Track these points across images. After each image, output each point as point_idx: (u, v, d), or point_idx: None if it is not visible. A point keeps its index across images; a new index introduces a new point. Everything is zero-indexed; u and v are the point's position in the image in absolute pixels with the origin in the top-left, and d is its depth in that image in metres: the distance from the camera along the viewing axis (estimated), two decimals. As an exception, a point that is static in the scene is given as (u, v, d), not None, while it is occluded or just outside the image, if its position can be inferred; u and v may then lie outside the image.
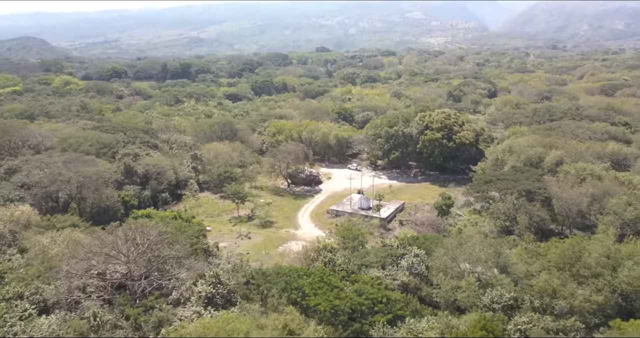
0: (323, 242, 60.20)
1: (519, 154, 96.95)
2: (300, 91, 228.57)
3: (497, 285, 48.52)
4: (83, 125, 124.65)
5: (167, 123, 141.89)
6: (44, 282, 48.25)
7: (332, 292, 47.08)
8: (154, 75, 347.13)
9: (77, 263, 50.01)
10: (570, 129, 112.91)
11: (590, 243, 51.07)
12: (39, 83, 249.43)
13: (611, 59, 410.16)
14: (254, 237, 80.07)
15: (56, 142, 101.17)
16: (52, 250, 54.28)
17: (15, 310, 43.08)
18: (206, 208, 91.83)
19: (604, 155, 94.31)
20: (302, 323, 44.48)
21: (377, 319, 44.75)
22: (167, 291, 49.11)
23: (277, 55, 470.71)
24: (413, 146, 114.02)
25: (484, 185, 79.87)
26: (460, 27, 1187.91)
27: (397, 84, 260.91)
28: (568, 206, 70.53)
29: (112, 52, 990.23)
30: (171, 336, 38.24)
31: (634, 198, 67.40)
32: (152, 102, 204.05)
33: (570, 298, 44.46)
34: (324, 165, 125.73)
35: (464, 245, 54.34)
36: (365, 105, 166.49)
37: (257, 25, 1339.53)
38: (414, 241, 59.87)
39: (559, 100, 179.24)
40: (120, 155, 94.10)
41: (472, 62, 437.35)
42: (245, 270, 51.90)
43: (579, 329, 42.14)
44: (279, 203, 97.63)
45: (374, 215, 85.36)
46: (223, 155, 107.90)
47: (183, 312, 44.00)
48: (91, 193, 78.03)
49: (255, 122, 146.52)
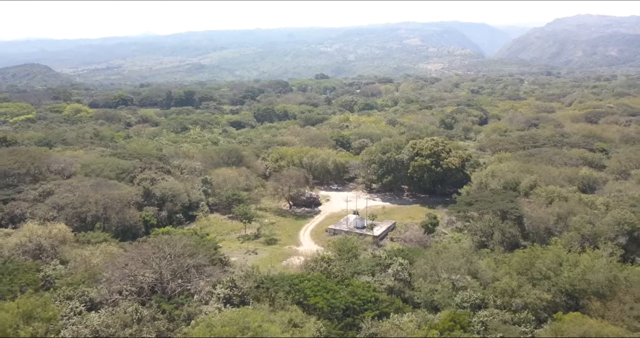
0: (321, 255, 69.86)
1: (499, 178, 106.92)
2: (300, 119, 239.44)
3: (468, 288, 58.09)
4: (101, 152, 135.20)
5: (177, 149, 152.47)
6: (88, 286, 57.81)
7: (328, 293, 56.63)
8: (159, 102, 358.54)
9: (115, 270, 59.71)
10: (548, 155, 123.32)
11: (544, 252, 60.84)
12: (50, 111, 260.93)
13: (601, 86, 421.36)
14: (260, 253, 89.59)
15: (79, 168, 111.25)
16: (93, 260, 63.99)
17: (69, 308, 52.51)
18: (216, 227, 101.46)
19: (576, 179, 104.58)
20: (304, 318, 53.74)
21: (366, 315, 54.20)
22: (190, 293, 58.63)
23: (278, 83, 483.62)
24: (404, 171, 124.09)
25: (464, 205, 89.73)
26: (457, 53, 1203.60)
27: (392, 111, 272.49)
28: (537, 224, 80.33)
29: (115, 78, 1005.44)
30: (201, 325, 47.57)
31: (594, 217, 77.28)
32: (159, 129, 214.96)
33: (525, 297, 54.02)
34: (323, 188, 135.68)
35: (441, 255, 64.15)
36: (361, 132, 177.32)
37: (258, 51, 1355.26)
38: (399, 253, 69.71)
39: (545, 128, 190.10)
40: (139, 180, 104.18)
41: (467, 89, 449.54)
42: (256, 276, 61.44)
43: (530, 321, 51.59)
44: (282, 223, 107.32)
45: (368, 233, 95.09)
46: (231, 180, 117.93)
47: (207, 308, 53.48)
48: (115, 213, 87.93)
49: (259, 149, 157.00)
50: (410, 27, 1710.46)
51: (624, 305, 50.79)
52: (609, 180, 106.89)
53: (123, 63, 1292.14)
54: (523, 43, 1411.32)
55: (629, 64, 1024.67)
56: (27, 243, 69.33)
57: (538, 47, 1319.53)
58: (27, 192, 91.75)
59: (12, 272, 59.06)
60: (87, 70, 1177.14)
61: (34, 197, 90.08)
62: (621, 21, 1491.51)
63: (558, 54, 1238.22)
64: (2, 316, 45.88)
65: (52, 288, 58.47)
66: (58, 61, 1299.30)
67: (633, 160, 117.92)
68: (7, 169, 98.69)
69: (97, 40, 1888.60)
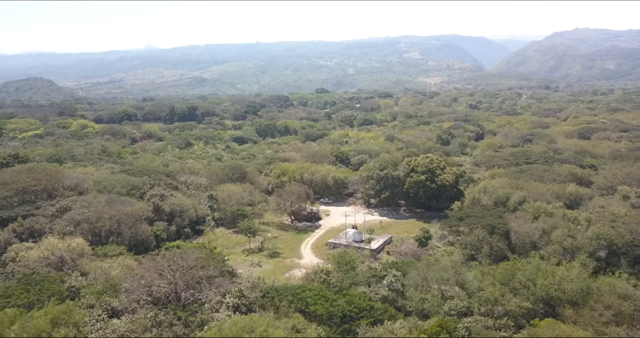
0: (320, 267, 75.53)
1: (491, 194, 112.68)
2: (301, 134, 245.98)
3: (455, 297, 63.62)
4: (110, 168, 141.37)
5: (183, 166, 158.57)
6: (109, 296, 63.41)
7: (327, 302, 62.22)
8: (162, 117, 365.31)
9: (133, 281, 65.37)
10: (538, 172, 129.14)
11: (524, 264, 66.55)
12: (57, 127, 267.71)
13: (597, 101, 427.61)
14: (264, 265, 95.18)
15: (92, 185, 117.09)
16: (112, 272, 69.69)
17: (92, 315, 58.05)
18: (222, 241, 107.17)
19: (563, 196, 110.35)
20: (306, 325, 59.16)
21: (362, 322, 59.67)
22: (202, 302, 64.18)
23: (279, 97, 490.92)
24: (401, 187, 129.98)
25: (456, 221, 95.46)
26: (456, 67, 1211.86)
27: (391, 127, 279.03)
28: (523, 238, 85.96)
29: (117, 92, 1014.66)
30: (213, 330, 53.15)
31: (575, 232, 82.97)
32: (164, 145, 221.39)
33: (506, 305, 59.56)
34: (323, 203, 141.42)
35: (432, 267, 69.83)
36: (360, 148, 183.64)
37: (259, 65, 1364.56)
38: (393, 265, 75.41)
39: (539, 143, 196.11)
40: (149, 196, 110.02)
41: (465, 103, 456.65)
42: (261, 287, 67.05)
43: (509, 327, 57.07)
44: (284, 237, 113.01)
45: (366, 246, 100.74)
46: (235, 195, 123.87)
47: (218, 315, 58.99)
48: (128, 228, 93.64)
49: (262, 165, 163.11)
50: (410, 40, 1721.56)
51: (594, 312, 56.34)
52: (594, 196, 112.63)
53: (125, 76, 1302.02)
54: (522, 56, 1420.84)
55: (626, 78, 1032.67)
56: (50, 256, 75.06)
57: (536, 61, 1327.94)
58: (45, 208, 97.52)
59: (39, 283, 64.66)
60: (90, 83, 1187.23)
61: (52, 213, 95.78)
62: (619, 35, 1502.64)
63: (556, 67, 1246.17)
64: (36, 322, 51.42)
65: (77, 297, 63.98)
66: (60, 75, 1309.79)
67: (619, 176, 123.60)
68: (25, 186, 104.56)
69: (99, 54, 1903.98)
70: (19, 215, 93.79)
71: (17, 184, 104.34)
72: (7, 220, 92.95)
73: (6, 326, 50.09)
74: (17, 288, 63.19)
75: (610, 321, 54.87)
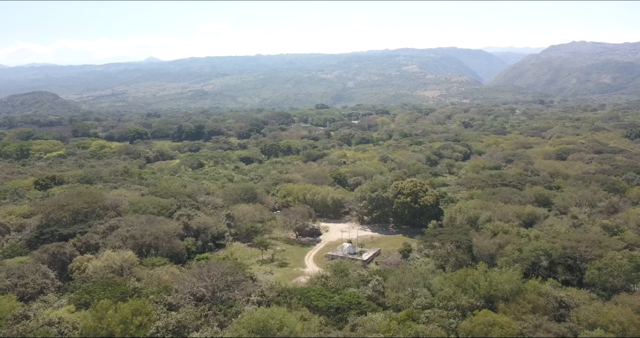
0: (321, 274, 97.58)
1: (464, 214, 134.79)
2: (303, 154, 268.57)
3: (422, 296, 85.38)
4: (139, 189, 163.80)
5: (199, 186, 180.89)
6: (165, 294, 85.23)
7: (326, 299, 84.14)
8: (170, 134, 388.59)
9: (180, 284, 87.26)
10: (506, 194, 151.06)
11: (473, 271, 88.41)
12: (78, 147, 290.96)
13: (584, 119, 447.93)
14: (275, 273, 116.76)
15: (127, 206, 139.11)
16: (163, 277, 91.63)
17: (157, 308, 79.69)
18: (239, 253, 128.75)
19: (522, 215, 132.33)
20: (310, 315, 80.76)
21: (351, 312, 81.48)
22: (234, 299, 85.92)
23: (281, 114, 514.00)
24: (390, 207, 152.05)
25: (430, 237, 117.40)
26: (454, 80, 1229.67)
27: (386, 146, 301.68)
28: (483, 251, 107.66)
29: (120, 105, 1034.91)
30: (247, 316, 74.86)
31: (523, 246, 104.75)
32: (178, 166, 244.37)
33: (457, 301, 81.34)
34: (323, 220, 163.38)
35: (406, 274, 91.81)
36: (356, 170, 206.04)
37: (259, 78, 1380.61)
38: (377, 272, 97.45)
39: (517, 165, 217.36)
40: (177, 216, 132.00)
41: (458, 121, 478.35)
42: (277, 288, 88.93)
43: (457, 316, 78.68)
44: (291, 250, 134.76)
45: (358, 258, 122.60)
46: (248, 214, 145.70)
47: (248, 308, 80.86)
48: (165, 243, 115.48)
49: (269, 185, 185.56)
50: (409, 53, 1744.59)
51: (518, 305, 78.15)
52: (549, 215, 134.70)
53: (127, 89, 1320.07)
54: (519, 70, 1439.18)
55: (620, 91, 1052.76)
56: (112, 265, 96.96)
57: (533, 75, 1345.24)
58: (96, 226, 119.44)
59: (111, 285, 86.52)
60: (92, 96, 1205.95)
61: (102, 230, 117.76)
62: (615, 48, 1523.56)
63: (553, 81, 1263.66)
64: (122, 312, 73.25)
65: (139, 296, 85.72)
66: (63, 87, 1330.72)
67: (574, 198, 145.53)
68: (78, 208, 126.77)
69: (101, 67, 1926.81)
70: (77, 232, 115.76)
71: (72, 206, 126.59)
72: (67, 237, 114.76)
73: (105, 311, 71.97)
74: (96, 288, 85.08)
75: (528, 311, 76.62)
